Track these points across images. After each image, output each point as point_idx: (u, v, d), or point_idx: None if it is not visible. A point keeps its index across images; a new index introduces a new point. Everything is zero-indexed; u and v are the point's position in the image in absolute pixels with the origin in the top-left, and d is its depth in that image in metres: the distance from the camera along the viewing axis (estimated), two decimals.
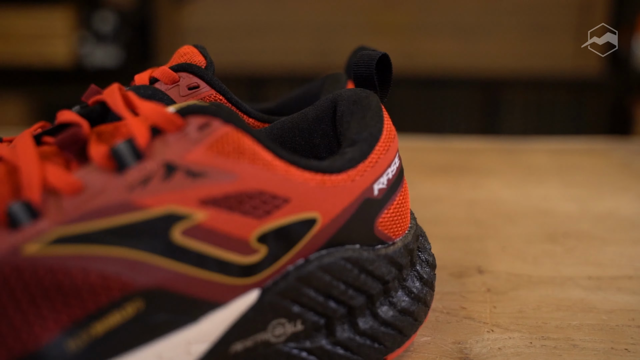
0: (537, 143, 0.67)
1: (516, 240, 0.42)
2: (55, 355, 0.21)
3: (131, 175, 0.22)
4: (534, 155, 0.63)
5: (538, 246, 0.41)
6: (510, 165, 0.60)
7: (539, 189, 0.53)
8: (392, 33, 1.70)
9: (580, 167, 0.59)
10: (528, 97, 1.68)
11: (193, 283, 0.23)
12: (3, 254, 0.20)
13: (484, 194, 0.52)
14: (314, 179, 0.25)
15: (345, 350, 0.27)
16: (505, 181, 0.55)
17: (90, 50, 1.78)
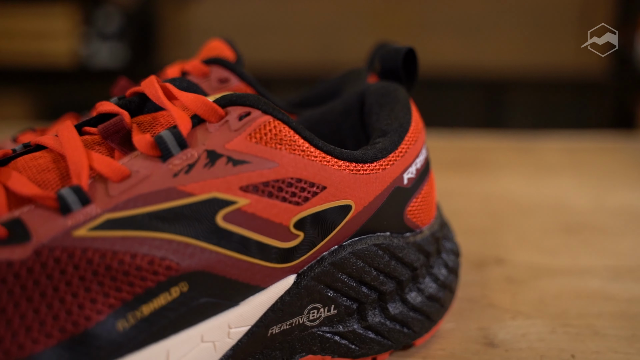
0: (546, 139, 0.68)
1: (532, 232, 0.43)
2: (104, 335, 0.21)
3: (175, 163, 0.23)
4: (544, 151, 0.64)
5: (554, 238, 0.42)
6: (520, 161, 0.60)
7: (551, 184, 0.53)
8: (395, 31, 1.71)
9: (591, 163, 0.60)
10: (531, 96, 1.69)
11: (235, 267, 0.24)
12: (55, 237, 0.21)
13: (496, 189, 0.53)
14: (348, 168, 0.26)
15: (376, 335, 0.28)
16: (516, 176, 0.56)
17: (93, 49, 1.79)
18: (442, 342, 0.30)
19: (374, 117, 0.29)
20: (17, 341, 0.20)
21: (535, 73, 1.63)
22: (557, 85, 1.65)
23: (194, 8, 1.90)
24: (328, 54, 1.78)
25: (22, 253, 0.21)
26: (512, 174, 0.56)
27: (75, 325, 0.21)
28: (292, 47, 1.82)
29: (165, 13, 1.89)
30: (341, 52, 1.73)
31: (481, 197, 0.50)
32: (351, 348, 0.27)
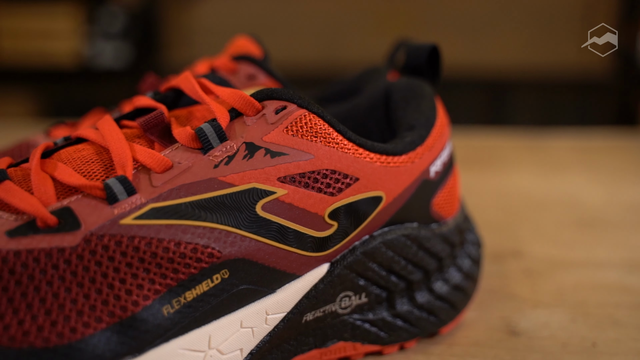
0: (555, 137, 0.69)
1: (547, 227, 0.44)
2: (150, 320, 0.22)
3: (216, 155, 0.24)
4: (553, 149, 0.64)
5: (569, 232, 0.43)
6: (530, 158, 0.61)
7: (562, 180, 0.54)
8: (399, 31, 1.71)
9: (600, 160, 0.60)
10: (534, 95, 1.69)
11: (273, 255, 0.24)
12: (103, 225, 0.22)
13: (509, 185, 0.53)
14: (379, 160, 0.27)
15: (404, 322, 0.28)
16: (528, 173, 0.57)
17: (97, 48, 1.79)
18: (466, 330, 0.31)
19: (400, 112, 0.30)
20: (70, 324, 0.21)
21: (537, 73, 1.63)
22: (560, 85, 1.66)
23: (198, 8, 1.90)
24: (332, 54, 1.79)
25: (72, 240, 0.22)
26: (523, 171, 0.57)
27: (124, 309, 0.22)
28: (295, 46, 1.83)
29: (169, 13, 1.89)
30: (345, 51, 1.74)
31: (494, 193, 0.51)
32: (380, 335, 0.28)
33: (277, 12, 1.82)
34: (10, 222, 0.22)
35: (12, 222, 0.22)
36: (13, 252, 0.21)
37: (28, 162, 0.25)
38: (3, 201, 0.23)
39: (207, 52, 1.82)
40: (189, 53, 1.89)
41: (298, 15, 1.81)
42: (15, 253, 0.21)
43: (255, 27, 1.84)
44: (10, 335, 0.20)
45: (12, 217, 0.22)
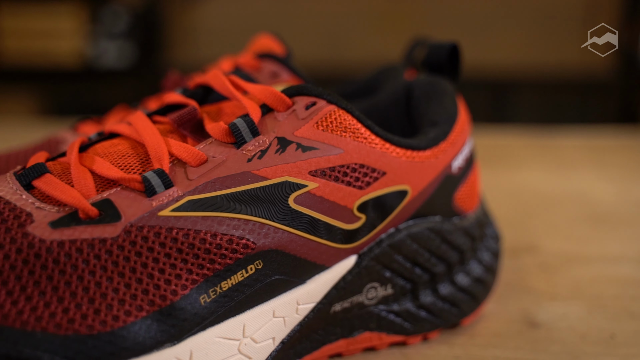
0: (564, 136, 0.69)
1: (560, 223, 0.44)
2: (188, 308, 0.23)
3: (249, 149, 0.25)
4: (562, 148, 0.65)
5: (583, 228, 0.44)
6: (540, 156, 0.62)
7: (573, 178, 0.55)
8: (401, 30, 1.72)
9: (609, 158, 0.61)
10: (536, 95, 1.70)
11: (305, 246, 0.25)
12: (142, 217, 0.23)
13: (521, 183, 0.54)
14: (405, 155, 0.27)
15: (427, 313, 0.29)
16: (539, 171, 0.57)
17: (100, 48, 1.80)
18: (486, 322, 0.31)
19: (423, 109, 0.31)
20: (112, 312, 0.22)
21: (540, 72, 1.64)
22: (562, 85, 1.66)
23: (201, 8, 1.91)
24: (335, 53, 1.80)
25: (112, 231, 0.22)
26: (532, 169, 0.58)
27: (163, 298, 0.22)
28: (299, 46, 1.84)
29: (173, 13, 1.90)
30: (347, 51, 1.74)
31: (506, 190, 0.52)
32: (404, 326, 0.29)
33: (280, 12, 1.83)
34: (53, 214, 0.23)
35: (54, 213, 0.23)
36: (57, 243, 0.22)
37: (64, 156, 0.26)
38: (45, 193, 0.23)
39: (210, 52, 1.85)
40: (192, 53, 1.90)
41: (301, 15, 1.82)
42: (59, 243, 0.22)
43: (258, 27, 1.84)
44: (56, 323, 0.21)
45: (54, 209, 0.23)
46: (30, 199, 0.23)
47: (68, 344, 0.21)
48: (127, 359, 0.21)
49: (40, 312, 0.21)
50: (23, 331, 0.20)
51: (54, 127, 0.72)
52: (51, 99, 1.95)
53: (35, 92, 1.94)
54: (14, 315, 0.21)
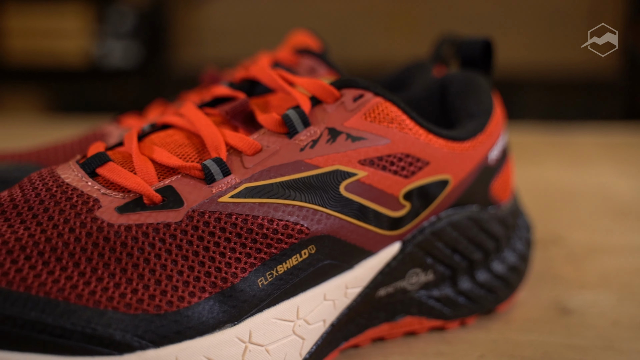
0: (577, 134, 0.71)
1: (583, 216, 0.46)
2: (247, 290, 0.24)
3: (301, 139, 0.26)
4: (577, 144, 0.66)
5: (605, 221, 0.45)
6: (557, 153, 0.63)
7: (591, 174, 0.56)
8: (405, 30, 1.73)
9: (624, 154, 0.62)
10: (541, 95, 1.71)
11: (355, 232, 0.26)
12: (203, 203, 0.24)
13: (540, 178, 0.55)
14: (446, 146, 0.28)
15: (466, 299, 0.30)
16: (557, 168, 0.58)
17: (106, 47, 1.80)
18: (520, 309, 0.32)
19: (460, 102, 0.32)
20: (178, 293, 0.23)
21: (544, 72, 1.65)
22: (567, 85, 1.67)
23: (207, 8, 1.92)
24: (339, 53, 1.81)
25: (176, 217, 0.23)
26: (551, 165, 0.59)
27: (224, 281, 0.23)
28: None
29: (178, 13, 1.91)
30: (352, 50, 1.75)
31: (527, 185, 0.53)
32: (444, 311, 0.30)
33: (285, 12, 1.84)
34: (119, 200, 0.24)
35: (120, 199, 0.24)
36: (124, 227, 0.23)
37: (121, 146, 0.27)
38: (109, 180, 0.24)
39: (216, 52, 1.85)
40: (197, 52, 1.91)
41: (306, 14, 1.83)
42: (126, 227, 0.23)
43: (263, 27, 1.86)
44: (126, 302, 0.22)
45: (119, 195, 0.24)
46: (96, 185, 0.24)
47: (137, 322, 0.22)
48: (192, 337, 0.23)
49: (111, 293, 0.22)
50: (96, 310, 0.21)
51: (59, 126, 0.73)
52: (57, 99, 1.96)
53: (41, 92, 1.95)
54: (87, 295, 0.22)
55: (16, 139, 0.53)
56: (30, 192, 0.24)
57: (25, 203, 0.23)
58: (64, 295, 0.21)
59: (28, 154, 0.34)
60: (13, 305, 0.21)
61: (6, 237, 0.22)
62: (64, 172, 0.25)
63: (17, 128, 0.76)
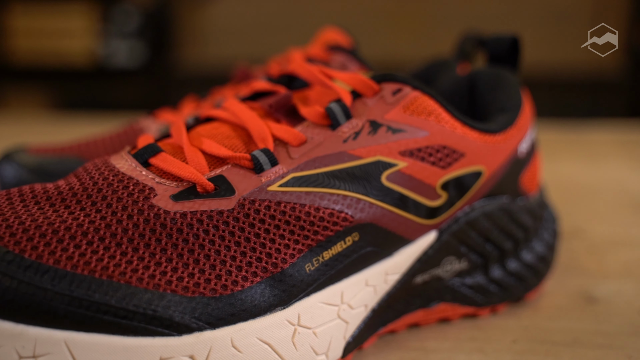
0: (590, 131, 0.72)
1: (602, 209, 0.47)
2: (296, 275, 0.25)
3: (344, 131, 0.27)
4: (591, 142, 0.67)
5: (624, 214, 0.46)
6: (572, 150, 0.64)
7: (607, 169, 0.57)
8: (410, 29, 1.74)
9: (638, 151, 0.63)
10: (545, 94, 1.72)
11: (395, 221, 0.27)
12: (253, 192, 0.25)
13: (557, 174, 0.56)
14: (481, 138, 0.29)
15: (497, 287, 0.31)
16: (573, 163, 0.60)
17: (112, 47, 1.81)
18: (548, 297, 0.33)
19: (490, 97, 0.33)
20: (232, 277, 0.24)
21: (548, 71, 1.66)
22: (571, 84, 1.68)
23: (211, 7, 1.93)
24: None
25: (228, 204, 0.24)
26: (567, 162, 0.60)
27: (275, 266, 0.24)
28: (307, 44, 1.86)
29: (183, 12, 1.92)
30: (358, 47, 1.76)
31: (546, 181, 0.54)
32: (476, 298, 0.31)
33: (289, 12, 1.85)
34: (173, 188, 0.25)
35: (174, 187, 0.25)
36: (179, 214, 0.24)
37: (168, 138, 0.28)
38: (162, 170, 0.25)
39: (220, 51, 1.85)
40: (202, 52, 1.92)
41: (309, 14, 1.84)
42: (181, 214, 0.24)
43: (267, 27, 1.87)
44: (184, 286, 0.23)
45: (173, 183, 0.25)
46: (150, 174, 0.25)
47: (194, 305, 0.23)
48: (245, 319, 0.24)
49: (169, 276, 0.23)
50: (156, 292, 0.22)
51: (65, 123, 0.74)
52: (63, 98, 1.97)
53: (47, 91, 1.96)
54: (147, 279, 0.23)
55: (23, 136, 0.54)
56: (87, 180, 0.25)
57: (84, 191, 0.24)
58: (125, 278, 0.22)
59: (69, 147, 0.35)
60: (79, 287, 0.22)
61: (68, 223, 0.23)
62: (118, 162, 0.26)
63: (24, 125, 0.77)
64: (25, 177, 0.33)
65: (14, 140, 0.50)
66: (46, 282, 0.21)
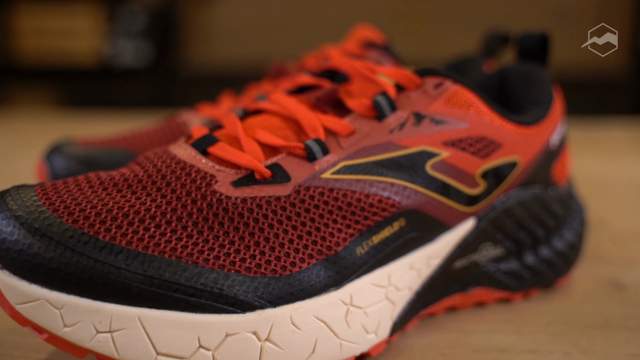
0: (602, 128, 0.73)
1: (622, 202, 0.48)
2: (348, 258, 0.26)
3: (390, 122, 0.28)
4: (604, 138, 0.69)
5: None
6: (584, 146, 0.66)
7: (622, 165, 0.59)
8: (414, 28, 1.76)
9: None
10: None
11: (438, 208, 0.29)
12: (307, 179, 0.26)
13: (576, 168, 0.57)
14: (516, 130, 0.31)
15: (530, 273, 0.33)
16: (588, 159, 0.61)
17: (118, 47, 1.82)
18: (577, 284, 0.35)
19: (522, 91, 0.34)
20: (290, 259, 0.25)
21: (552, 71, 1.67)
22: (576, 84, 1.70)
23: (217, 7, 1.94)
24: None
25: (284, 191, 0.26)
26: (583, 157, 0.61)
27: (329, 249, 0.26)
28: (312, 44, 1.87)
29: (189, 12, 1.93)
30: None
31: None
32: (510, 283, 0.32)
33: (293, 12, 1.86)
34: (232, 175, 0.26)
35: (233, 175, 0.26)
36: (240, 199, 0.25)
37: (220, 129, 0.30)
38: (220, 158, 0.27)
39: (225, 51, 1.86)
40: (207, 51, 1.93)
41: (314, 14, 1.85)
42: (242, 200, 0.25)
43: (272, 27, 1.88)
44: (246, 266, 0.24)
45: (232, 171, 0.26)
46: (210, 162, 0.26)
47: (256, 284, 0.24)
48: (303, 298, 0.25)
49: (233, 257, 0.24)
50: (221, 272, 0.24)
51: (71, 120, 0.75)
52: (69, 98, 1.98)
53: (53, 91, 1.97)
54: (212, 259, 0.24)
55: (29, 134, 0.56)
56: (151, 168, 0.26)
57: (149, 178, 0.26)
58: (192, 259, 0.24)
59: (116, 140, 0.37)
60: (150, 267, 0.23)
61: (137, 208, 0.25)
62: (178, 151, 0.27)
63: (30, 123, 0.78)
64: (75, 168, 0.34)
65: (20, 137, 0.51)
66: (120, 262, 0.23)
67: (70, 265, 0.22)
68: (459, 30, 1.72)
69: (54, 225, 0.23)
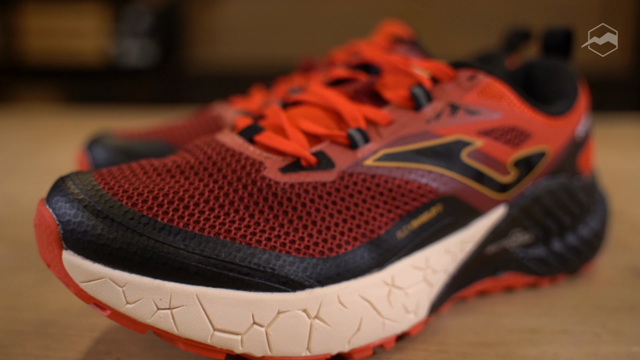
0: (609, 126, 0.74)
1: (638, 194, 0.49)
2: (389, 241, 0.27)
3: (426, 112, 0.30)
4: (612, 135, 0.70)
5: None
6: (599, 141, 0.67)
7: (636, 159, 0.60)
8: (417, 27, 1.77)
9: None
10: None
11: (473, 194, 0.30)
12: (350, 165, 0.28)
13: None
14: (545, 121, 0.32)
15: (556, 259, 0.34)
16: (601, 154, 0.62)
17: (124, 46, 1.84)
18: (600, 270, 0.36)
19: (549, 84, 0.36)
20: (336, 242, 0.26)
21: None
22: None
23: (221, 7, 1.95)
24: None
25: (329, 176, 0.27)
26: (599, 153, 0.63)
27: (372, 232, 0.27)
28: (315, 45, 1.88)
29: (193, 12, 1.94)
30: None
31: None
32: (538, 269, 0.34)
33: (297, 12, 1.87)
34: (280, 162, 0.27)
35: (280, 161, 0.27)
36: (288, 184, 0.27)
37: (263, 119, 0.31)
38: (267, 146, 0.28)
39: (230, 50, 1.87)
40: (212, 51, 1.94)
41: (318, 14, 1.87)
42: (290, 185, 0.27)
43: (276, 26, 1.90)
44: (296, 248, 0.26)
45: (279, 158, 0.27)
46: (257, 150, 0.28)
47: (305, 265, 0.26)
48: (348, 279, 0.26)
49: (283, 239, 0.26)
50: (273, 253, 0.25)
51: (75, 117, 0.76)
52: (75, 97, 1.99)
53: (59, 90, 1.99)
54: (264, 241, 0.25)
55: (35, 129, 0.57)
56: (201, 155, 0.28)
57: (200, 164, 0.27)
58: (245, 240, 0.25)
59: (154, 131, 0.38)
60: (207, 247, 0.24)
61: (191, 192, 0.26)
62: (226, 140, 0.29)
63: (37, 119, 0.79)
64: (116, 158, 0.36)
65: (27, 133, 0.52)
66: (179, 242, 0.24)
67: (132, 245, 0.24)
68: (460, 30, 1.73)
69: (115, 207, 0.24)
